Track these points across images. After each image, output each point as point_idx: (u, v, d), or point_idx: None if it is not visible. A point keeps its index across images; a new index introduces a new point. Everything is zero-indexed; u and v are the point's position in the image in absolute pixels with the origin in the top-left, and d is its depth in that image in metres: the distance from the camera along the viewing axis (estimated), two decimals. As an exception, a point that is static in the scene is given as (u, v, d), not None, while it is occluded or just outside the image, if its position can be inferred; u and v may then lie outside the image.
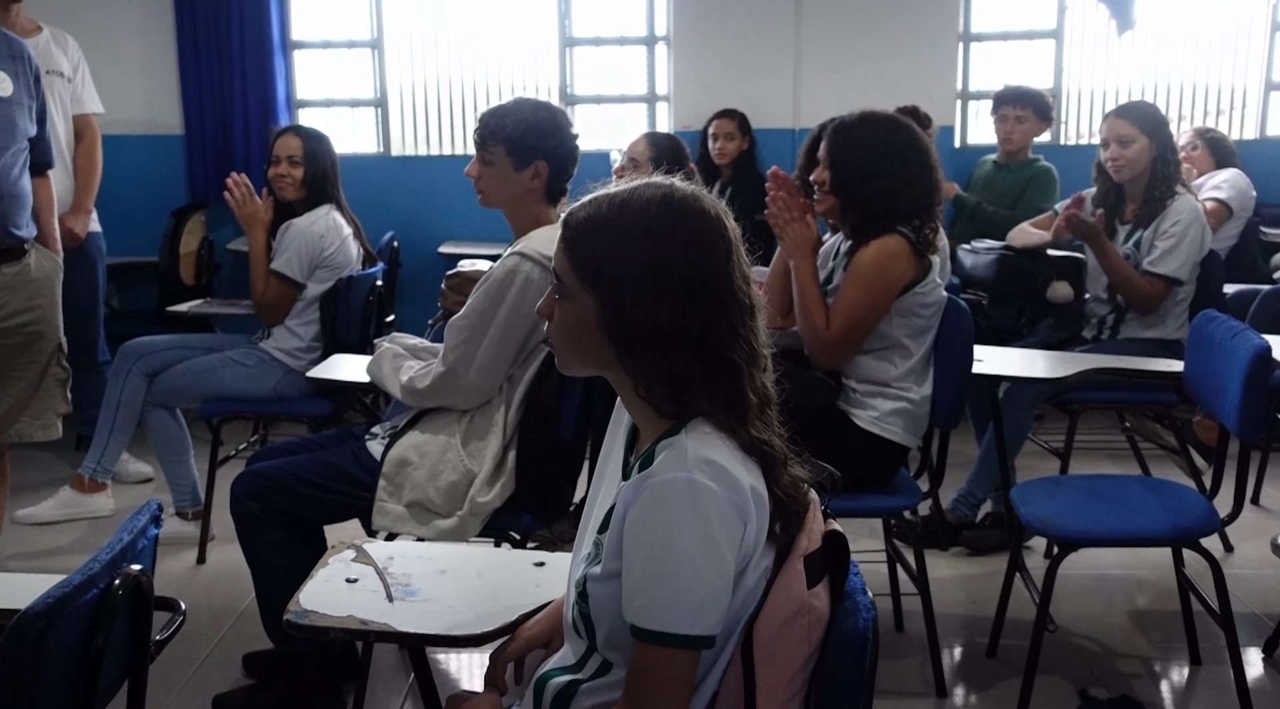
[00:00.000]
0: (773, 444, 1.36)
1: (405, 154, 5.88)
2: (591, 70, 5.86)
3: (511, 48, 5.83)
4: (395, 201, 5.63)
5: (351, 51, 5.83)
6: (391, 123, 5.85)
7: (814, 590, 1.34)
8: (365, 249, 3.89)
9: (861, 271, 2.82)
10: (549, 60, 5.80)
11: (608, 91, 5.88)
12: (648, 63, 5.82)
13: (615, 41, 5.83)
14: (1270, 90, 5.75)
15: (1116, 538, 2.72)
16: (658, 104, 5.85)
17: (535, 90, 5.82)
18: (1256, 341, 2.56)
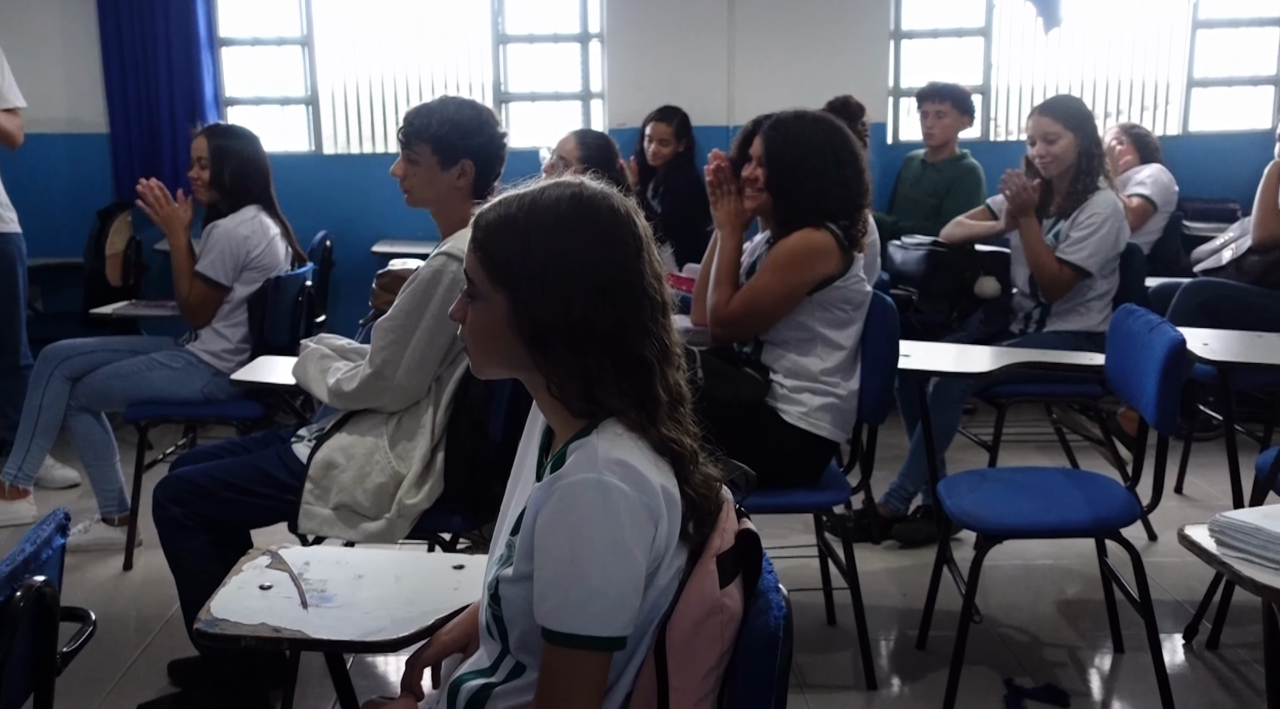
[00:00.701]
0: (684, 443, 1.36)
1: (337, 152, 5.82)
2: (525, 68, 5.83)
3: (444, 45, 5.78)
4: (327, 200, 5.57)
5: (281, 49, 5.75)
6: (323, 121, 5.78)
7: (726, 590, 1.35)
8: (294, 249, 3.84)
9: (778, 258, 2.87)
10: (482, 58, 5.77)
11: (542, 89, 5.86)
12: (582, 60, 5.81)
13: (549, 39, 5.81)
14: (1192, 87, 5.87)
15: (1039, 529, 2.77)
16: (592, 102, 5.84)
17: (469, 88, 5.78)
18: (1172, 335, 2.61)
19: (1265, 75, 5.88)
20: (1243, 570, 1.58)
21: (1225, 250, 4.16)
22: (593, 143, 3.64)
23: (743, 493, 1.49)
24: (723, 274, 2.98)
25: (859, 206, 2.90)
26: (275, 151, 5.66)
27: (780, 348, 2.94)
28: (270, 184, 3.78)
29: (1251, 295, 3.91)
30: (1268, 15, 5.81)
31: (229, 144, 3.70)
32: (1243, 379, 3.80)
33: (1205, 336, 3.29)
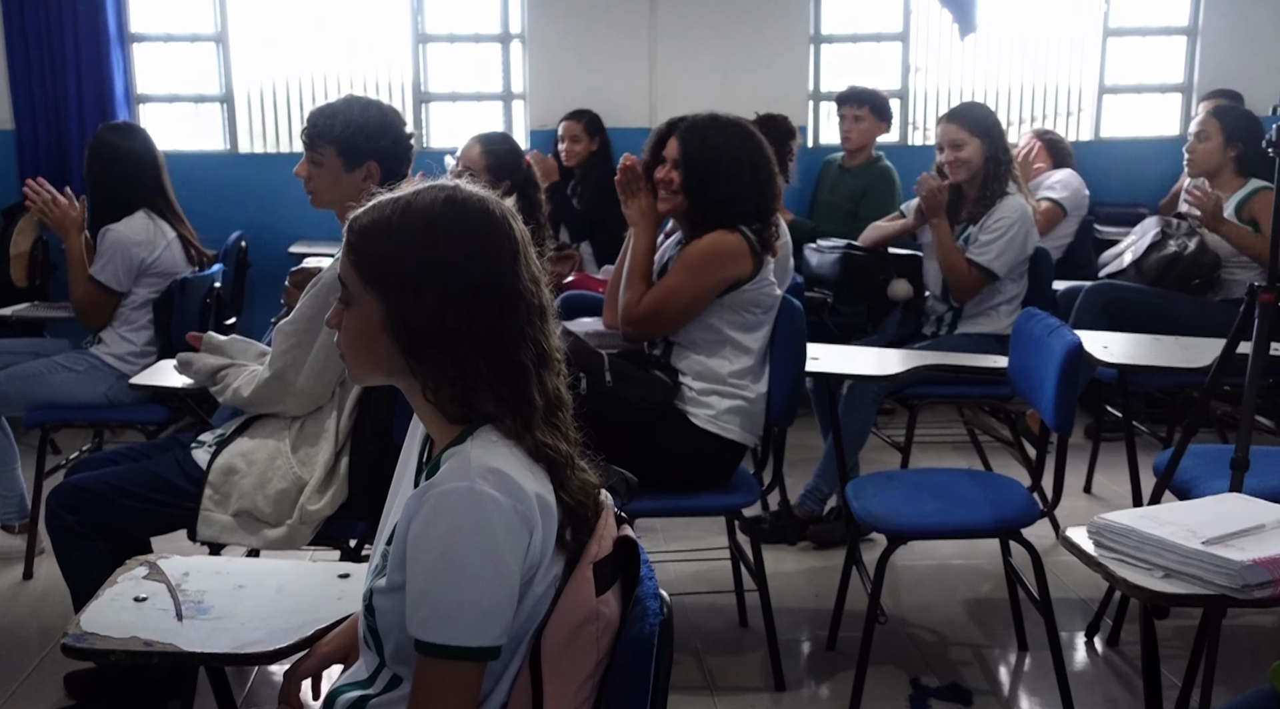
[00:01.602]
0: (560, 449, 1.35)
1: (254, 152, 5.72)
2: (446, 68, 5.78)
3: (363, 44, 5.72)
4: (243, 200, 5.48)
5: (195, 45, 5.64)
6: (239, 119, 5.68)
7: (603, 597, 1.34)
8: (196, 250, 3.76)
9: (689, 259, 2.89)
10: (402, 57, 5.71)
11: (463, 89, 5.81)
12: (503, 60, 5.78)
13: (470, 38, 5.77)
14: (1104, 93, 5.99)
15: (941, 530, 2.81)
16: (513, 102, 5.82)
17: (388, 87, 5.72)
18: (1069, 338, 2.66)
19: (1173, 83, 6.02)
20: (1117, 571, 1.61)
21: (1126, 253, 4.25)
22: (497, 147, 3.62)
23: (624, 499, 1.48)
24: (634, 272, 2.98)
25: (771, 210, 2.94)
26: (189, 150, 5.62)
27: (689, 350, 2.94)
28: (164, 183, 3.69)
29: (1151, 297, 4.00)
30: (1176, 24, 5.95)
31: (114, 144, 3.61)
32: (1146, 381, 3.89)
33: (1105, 339, 3.36)
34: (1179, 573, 1.56)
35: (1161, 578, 1.57)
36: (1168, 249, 4.03)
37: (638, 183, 3.04)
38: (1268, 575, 1.48)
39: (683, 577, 3.58)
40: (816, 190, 5.46)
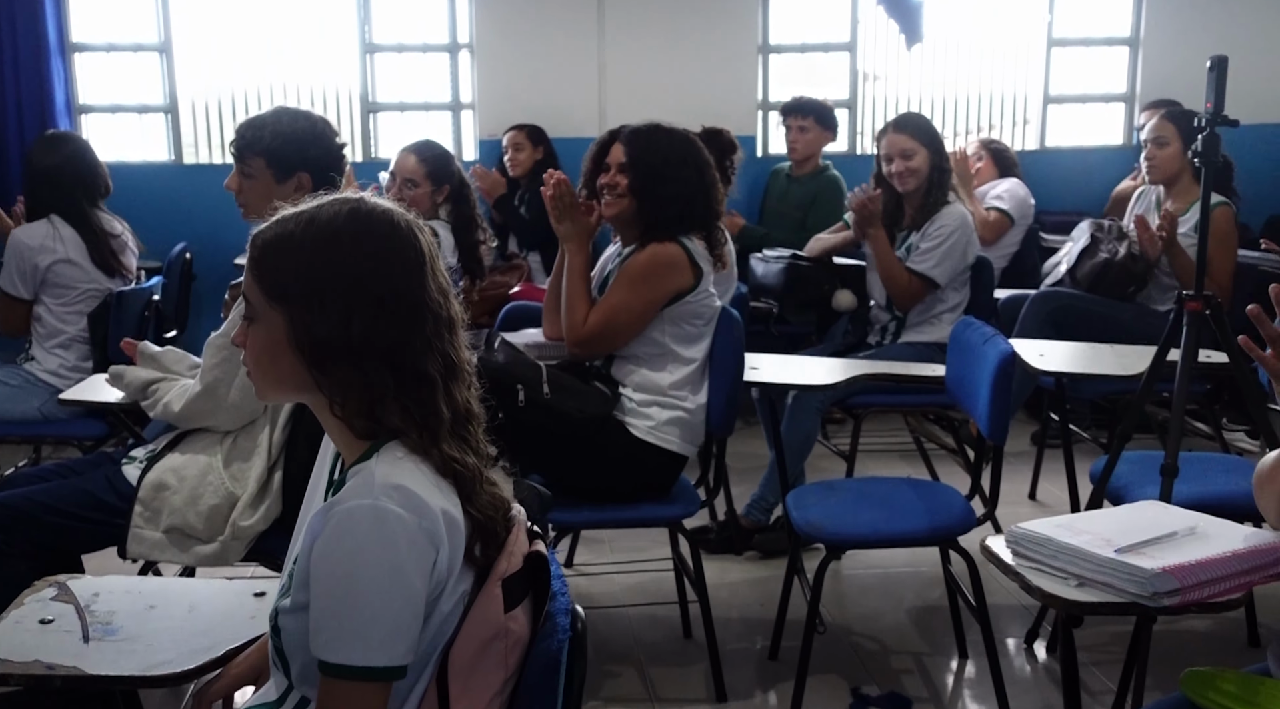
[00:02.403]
0: (468, 464, 1.34)
1: (199, 162, 5.67)
2: (394, 77, 5.76)
3: (310, 53, 5.68)
4: (189, 212, 5.41)
5: (138, 55, 5.59)
6: (183, 130, 5.63)
7: (512, 613, 1.33)
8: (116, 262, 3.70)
9: (631, 274, 2.88)
10: (349, 67, 5.68)
11: (411, 99, 5.79)
12: (451, 70, 5.76)
13: (418, 48, 5.75)
14: (1049, 103, 6.06)
15: (879, 539, 2.81)
16: (462, 112, 5.80)
17: (335, 97, 5.69)
18: (1004, 347, 2.68)
19: (1117, 93, 6.09)
20: (1033, 580, 1.61)
21: (1063, 262, 4.29)
22: (430, 152, 3.61)
23: (537, 514, 1.47)
24: (574, 292, 2.97)
25: (716, 216, 2.95)
26: (133, 161, 5.56)
27: (631, 363, 2.94)
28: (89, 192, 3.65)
29: (1094, 305, 4.04)
30: (1118, 35, 6.03)
31: (36, 154, 3.60)
32: (1087, 388, 3.93)
33: (1042, 348, 3.39)
34: (1093, 581, 1.57)
35: (1076, 586, 1.58)
36: (1099, 255, 4.07)
37: (569, 200, 3.02)
38: (1176, 583, 1.49)
39: (627, 588, 3.57)
40: (765, 199, 5.48)
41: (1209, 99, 2.63)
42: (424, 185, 3.71)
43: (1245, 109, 5.88)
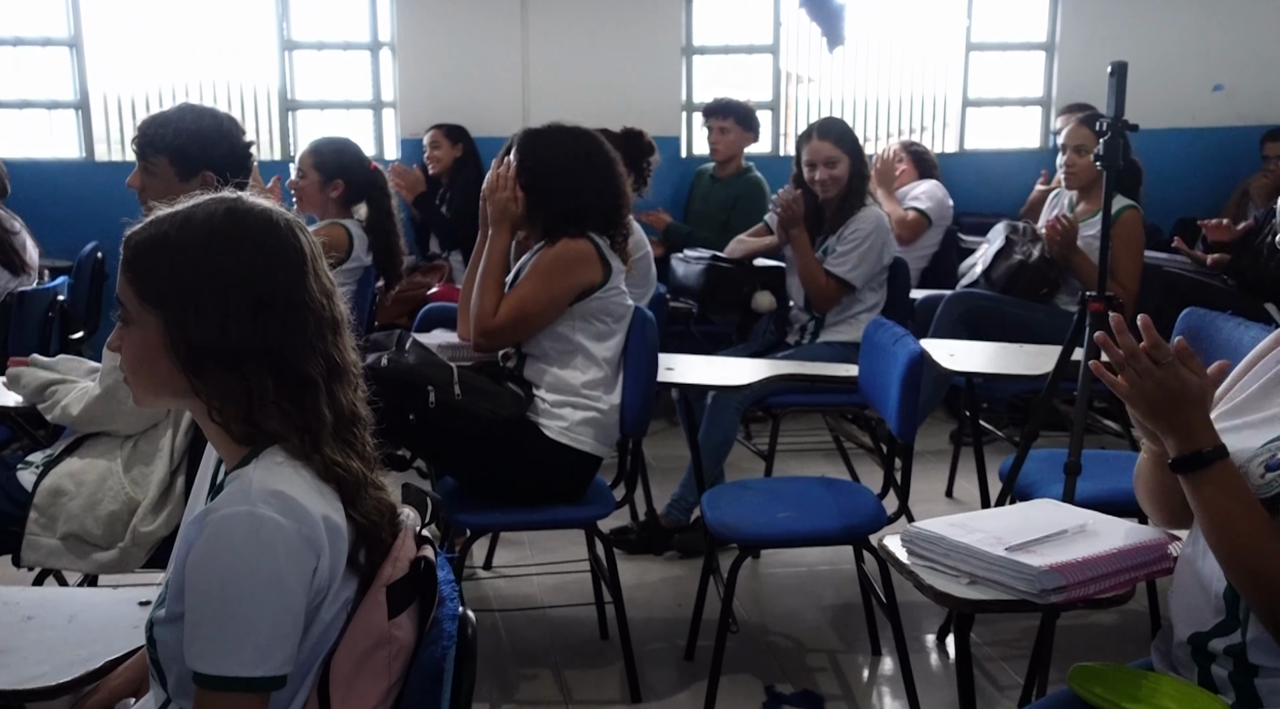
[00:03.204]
0: (352, 468, 1.32)
1: (111, 160, 5.54)
2: (314, 75, 5.68)
3: (227, 50, 5.58)
4: (100, 210, 5.22)
5: (46, 50, 5.44)
6: (95, 126, 5.49)
7: (397, 620, 1.31)
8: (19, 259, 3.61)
9: (540, 267, 2.88)
10: (268, 64, 5.59)
11: (332, 97, 5.71)
12: (372, 68, 5.70)
13: (339, 46, 5.67)
14: (967, 106, 6.15)
15: (791, 538, 2.83)
16: (384, 111, 5.73)
17: (253, 95, 5.60)
18: (912, 347, 2.71)
19: (1034, 97, 6.20)
20: (926, 578, 1.63)
21: (978, 263, 4.35)
22: (323, 147, 3.58)
23: (427, 519, 1.46)
24: (489, 274, 2.92)
25: (619, 216, 2.93)
26: (42, 158, 5.41)
27: (542, 362, 2.93)
28: None
29: (1007, 305, 4.10)
30: (1034, 40, 6.13)
31: None
32: (1000, 388, 3.99)
33: (953, 348, 3.43)
34: (984, 579, 1.59)
35: (968, 584, 1.60)
36: (1013, 257, 4.14)
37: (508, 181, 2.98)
38: (1062, 580, 1.52)
39: (546, 589, 3.55)
40: (689, 200, 5.50)
41: (1109, 104, 2.68)
42: (310, 176, 3.63)
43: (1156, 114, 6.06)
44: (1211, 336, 2.86)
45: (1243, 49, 6.04)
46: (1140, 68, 5.92)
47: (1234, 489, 1.44)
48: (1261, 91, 5.94)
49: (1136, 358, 1.48)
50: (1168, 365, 1.47)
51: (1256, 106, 5.96)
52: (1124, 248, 3.83)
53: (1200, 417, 1.48)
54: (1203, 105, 6.07)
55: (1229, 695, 1.48)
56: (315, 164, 3.58)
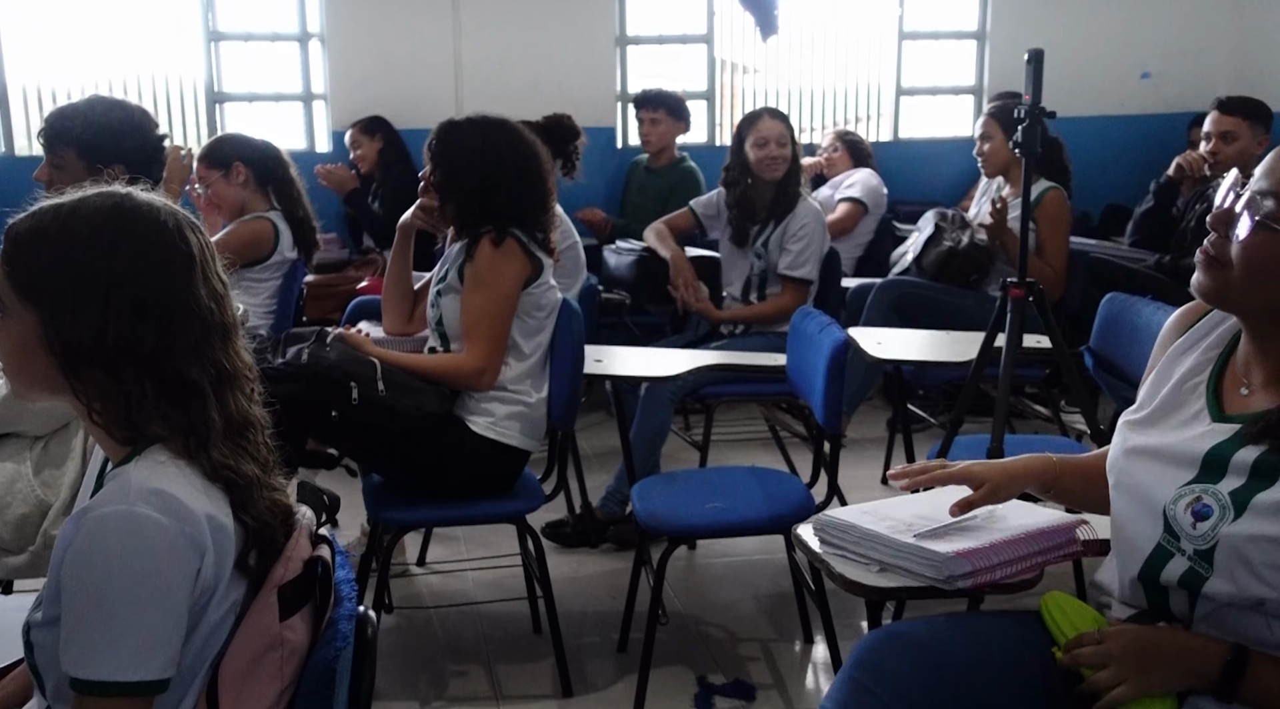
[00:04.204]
0: (241, 471, 1.28)
1: (33, 154, 5.39)
2: (242, 67, 5.58)
3: (150, 41, 5.46)
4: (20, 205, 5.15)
5: (-38, 42, 5.31)
6: (14, 120, 5.36)
7: (289, 621, 1.28)
8: None
9: (478, 276, 2.81)
10: (193, 55, 5.48)
11: (261, 89, 5.62)
12: (302, 60, 5.61)
13: (266, 37, 5.58)
14: (901, 95, 6.18)
15: (718, 529, 2.82)
16: (314, 103, 5.65)
17: (179, 87, 5.49)
18: (837, 335, 2.71)
19: (966, 85, 6.25)
20: (836, 566, 1.63)
21: (909, 251, 4.38)
22: (209, 147, 3.53)
23: (324, 518, 1.43)
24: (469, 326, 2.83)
25: (539, 210, 2.89)
26: (-43, 153, 5.29)
27: (469, 357, 2.89)
28: None
29: (936, 293, 4.13)
30: (966, 29, 6.18)
31: None
32: (931, 375, 4.02)
33: (880, 336, 3.45)
34: (893, 566, 1.59)
35: (878, 572, 1.60)
36: (943, 244, 4.17)
37: None
38: (969, 566, 1.52)
39: (480, 584, 3.52)
40: (625, 191, 5.48)
41: (1027, 91, 2.70)
42: (209, 176, 3.51)
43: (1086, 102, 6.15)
44: (1132, 321, 2.90)
45: (1169, 37, 6.13)
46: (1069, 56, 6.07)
47: (1275, 687, 1.37)
48: (1188, 79, 6.03)
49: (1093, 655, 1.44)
50: (1112, 638, 1.43)
51: (1183, 94, 6.05)
52: (1049, 228, 3.89)
53: (1175, 652, 1.41)
54: (1131, 93, 6.15)
55: None
56: (209, 164, 3.50)
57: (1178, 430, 1.49)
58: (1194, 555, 1.41)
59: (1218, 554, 1.38)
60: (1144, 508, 1.48)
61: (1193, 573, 1.41)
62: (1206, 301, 1.47)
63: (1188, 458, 1.45)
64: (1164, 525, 1.44)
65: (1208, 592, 1.40)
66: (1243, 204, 1.38)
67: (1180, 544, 1.42)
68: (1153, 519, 1.46)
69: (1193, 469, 1.44)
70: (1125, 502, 1.53)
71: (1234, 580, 1.37)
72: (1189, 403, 1.50)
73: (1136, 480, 1.51)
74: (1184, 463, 1.45)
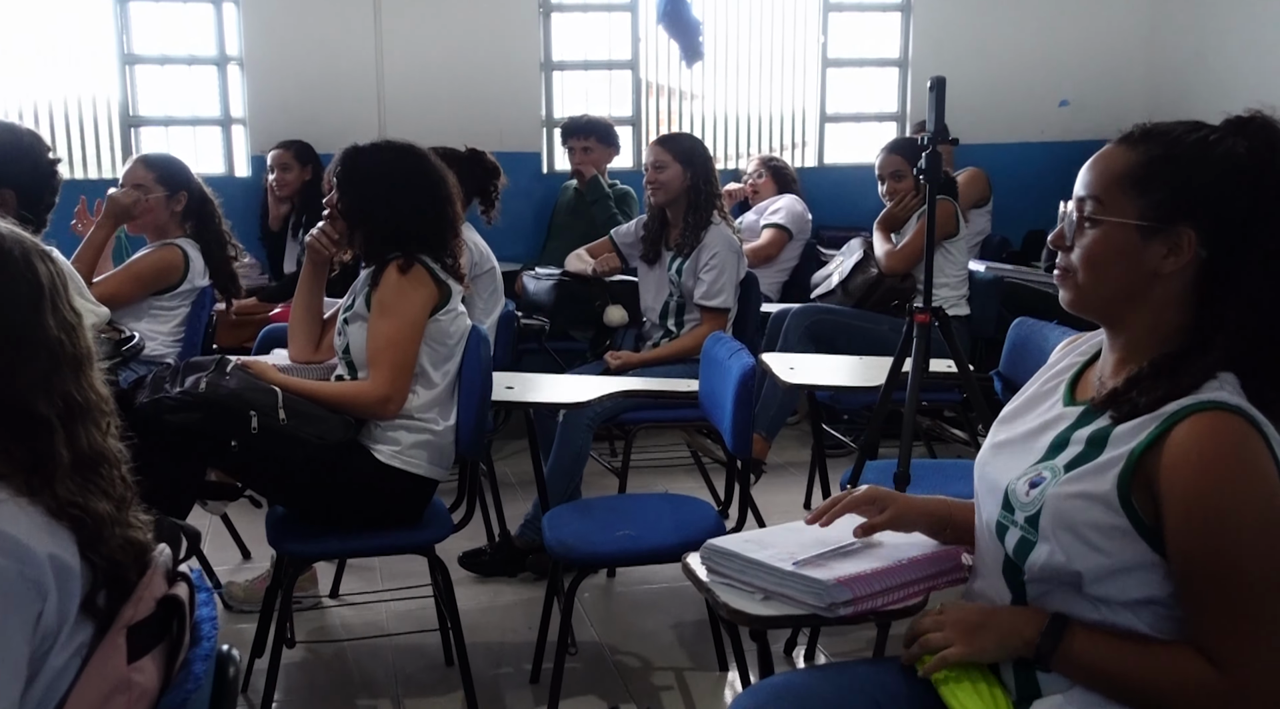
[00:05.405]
0: (90, 508, 1.23)
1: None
2: (158, 90, 5.49)
3: (63, 62, 5.36)
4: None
5: None
6: (-80, 143, 5.23)
7: (138, 664, 1.23)
8: None
9: (384, 304, 2.76)
10: (108, 78, 5.38)
11: (179, 113, 5.54)
12: (220, 84, 5.53)
13: (184, 60, 5.50)
14: (825, 122, 6.24)
15: (626, 556, 2.80)
16: (233, 127, 5.57)
17: (93, 110, 5.39)
18: (745, 360, 2.70)
19: (889, 112, 6.32)
20: (721, 595, 1.61)
21: (834, 274, 4.41)
22: (161, 160, 3.47)
23: (182, 555, 1.38)
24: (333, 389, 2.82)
25: (447, 235, 2.86)
26: None
27: (377, 385, 2.84)
28: None
29: (853, 319, 4.16)
30: (889, 56, 6.26)
31: None
32: (854, 399, 4.04)
33: (793, 361, 3.45)
34: (777, 595, 1.57)
35: (761, 601, 1.58)
36: (869, 271, 4.20)
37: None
38: (849, 593, 1.51)
39: (393, 616, 3.46)
40: (554, 214, 5.45)
41: (930, 118, 2.72)
42: (156, 190, 3.53)
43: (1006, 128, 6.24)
44: (1040, 345, 2.93)
45: (1086, 66, 6.25)
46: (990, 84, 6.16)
47: (1091, 656, 1.42)
48: (1105, 106, 6.14)
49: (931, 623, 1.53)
50: (949, 611, 1.52)
51: (1101, 121, 6.15)
52: (921, 228, 3.94)
53: (1001, 620, 1.50)
54: (1050, 120, 6.26)
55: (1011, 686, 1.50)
56: (159, 179, 3.45)
57: (1033, 421, 1.56)
58: (1024, 524, 1.46)
59: (1043, 518, 1.43)
60: (994, 494, 1.54)
61: (1024, 542, 1.46)
62: (1070, 310, 1.53)
63: (1038, 442, 1.52)
64: (1003, 501, 1.51)
65: (1033, 561, 1.44)
66: (1073, 213, 1.49)
67: (1014, 516, 1.48)
68: (995, 498, 1.53)
69: (1039, 453, 1.51)
70: (983, 494, 1.59)
71: (1057, 542, 1.42)
72: (1048, 397, 1.58)
73: (992, 471, 1.57)
74: (1034, 447, 1.52)
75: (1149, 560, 1.39)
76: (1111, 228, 1.44)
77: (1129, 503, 1.38)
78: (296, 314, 3.09)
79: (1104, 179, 1.47)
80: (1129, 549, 1.39)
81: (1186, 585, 1.36)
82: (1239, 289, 1.40)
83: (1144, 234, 1.43)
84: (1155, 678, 1.37)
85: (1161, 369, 1.42)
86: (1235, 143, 1.43)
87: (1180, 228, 1.41)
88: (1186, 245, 1.42)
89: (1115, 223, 1.44)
